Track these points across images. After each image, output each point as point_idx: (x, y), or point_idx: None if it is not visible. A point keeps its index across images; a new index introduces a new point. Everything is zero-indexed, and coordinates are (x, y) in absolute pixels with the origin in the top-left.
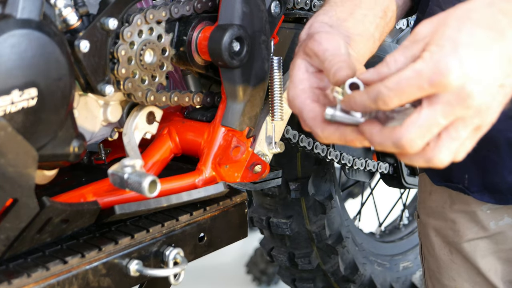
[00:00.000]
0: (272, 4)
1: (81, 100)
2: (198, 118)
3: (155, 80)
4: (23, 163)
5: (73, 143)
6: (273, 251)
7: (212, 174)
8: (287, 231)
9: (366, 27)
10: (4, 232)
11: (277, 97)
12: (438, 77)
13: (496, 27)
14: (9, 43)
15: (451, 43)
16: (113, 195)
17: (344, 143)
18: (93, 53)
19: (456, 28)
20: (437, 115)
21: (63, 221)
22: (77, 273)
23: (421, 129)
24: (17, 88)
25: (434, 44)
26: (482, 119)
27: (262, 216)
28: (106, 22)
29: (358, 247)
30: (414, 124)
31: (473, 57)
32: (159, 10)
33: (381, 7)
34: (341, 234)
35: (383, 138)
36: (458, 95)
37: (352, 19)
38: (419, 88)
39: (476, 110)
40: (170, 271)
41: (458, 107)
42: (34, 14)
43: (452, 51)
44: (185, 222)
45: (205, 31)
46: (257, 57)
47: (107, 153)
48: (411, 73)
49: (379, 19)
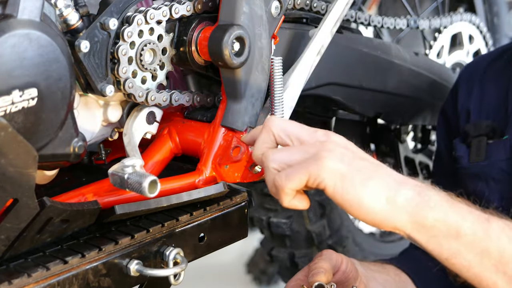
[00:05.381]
0: (272, 4)
1: (81, 100)
2: (198, 118)
3: (155, 81)
4: (24, 163)
5: (73, 143)
6: (273, 251)
7: (212, 174)
8: (287, 231)
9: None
10: (4, 232)
11: (277, 97)
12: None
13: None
14: (10, 43)
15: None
16: (113, 195)
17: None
18: (93, 53)
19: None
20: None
21: (64, 221)
22: (77, 273)
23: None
24: (18, 88)
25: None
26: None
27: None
28: (106, 22)
29: (358, 247)
30: None
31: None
32: (159, 10)
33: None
34: (341, 234)
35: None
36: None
37: (378, 274)
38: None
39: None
40: (170, 271)
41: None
42: (34, 14)
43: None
44: (185, 222)
45: (206, 31)
46: (257, 57)
47: (107, 153)
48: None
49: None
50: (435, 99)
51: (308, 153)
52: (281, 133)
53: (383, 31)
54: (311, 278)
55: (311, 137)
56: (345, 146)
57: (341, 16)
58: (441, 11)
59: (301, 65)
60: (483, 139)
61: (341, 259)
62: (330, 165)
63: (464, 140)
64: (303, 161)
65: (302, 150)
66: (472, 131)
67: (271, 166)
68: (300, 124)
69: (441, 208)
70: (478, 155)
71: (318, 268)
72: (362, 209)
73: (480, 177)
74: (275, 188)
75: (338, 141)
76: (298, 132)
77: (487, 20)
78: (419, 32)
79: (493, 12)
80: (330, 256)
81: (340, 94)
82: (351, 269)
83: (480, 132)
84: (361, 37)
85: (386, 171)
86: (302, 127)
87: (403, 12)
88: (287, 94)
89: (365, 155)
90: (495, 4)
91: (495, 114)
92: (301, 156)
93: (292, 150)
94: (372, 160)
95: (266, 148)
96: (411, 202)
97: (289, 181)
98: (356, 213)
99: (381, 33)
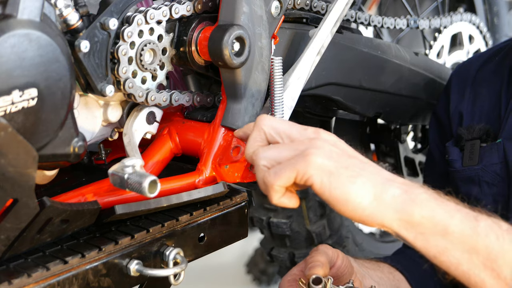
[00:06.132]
0: (272, 4)
1: (81, 100)
2: (198, 118)
3: (155, 81)
4: (24, 164)
5: (73, 143)
6: (273, 251)
7: (212, 174)
8: (287, 231)
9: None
10: (4, 232)
11: (277, 97)
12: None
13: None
14: (10, 44)
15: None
16: (113, 195)
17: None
18: (93, 53)
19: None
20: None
21: (63, 221)
22: (77, 273)
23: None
24: (18, 88)
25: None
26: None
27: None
28: (106, 22)
29: (358, 247)
30: None
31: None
32: (159, 10)
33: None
34: (341, 234)
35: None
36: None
37: (372, 272)
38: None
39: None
40: (170, 271)
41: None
42: (34, 14)
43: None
44: (185, 222)
45: (206, 31)
46: (257, 58)
47: (107, 153)
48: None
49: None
50: (435, 99)
51: (297, 150)
52: (272, 131)
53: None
54: (308, 271)
55: (301, 135)
56: (334, 143)
57: (341, 16)
58: (441, 11)
59: (301, 65)
60: (476, 143)
61: (337, 254)
62: (318, 162)
63: (457, 144)
64: (291, 158)
65: (291, 148)
66: (465, 134)
67: (261, 163)
68: (290, 122)
69: (428, 205)
70: (471, 158)
71: (315, 261)
72: (349, 206)
73: (473, 180)
74: (264, 185)
75: (327, 138)
76: (288, 129)
77: (487, 20)
78: (419, 32)
79: (493, 12)
80: (326, 251)
81: (340, 94)
82: (347, 265)
83: (473, 135)
84: (361, 37)
85: (374, 168)
86: (292, 125)
87: (403, 12)
88: (287, 94)
89: (354, 153)
90: (495, 4)
91: (488, 117)
92: (289, 153)
93: (281, 148)
94: (360, 158)
95: (257, 146)
96: (398, 199)
97: (277, 178)
98: (343, 210)
99: (381, 33)
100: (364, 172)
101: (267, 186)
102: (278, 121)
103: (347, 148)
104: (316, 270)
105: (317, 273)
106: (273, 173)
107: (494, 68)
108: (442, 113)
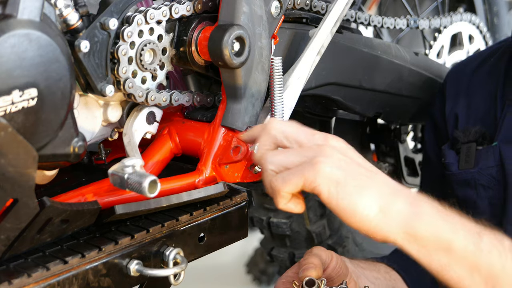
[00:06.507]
0: (272, 4)
1: (81, 100)
2: (198, 118)
3: (155, 81)
4: (23, 163)
5: (73, 143)
6: (273, 251)
7: (212, 174)
8: (287, 231)
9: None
10: (4, 232)
11: (277, 97)
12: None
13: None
14: (10, 44)
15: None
16: (113, 195)
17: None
18: (93, 53)
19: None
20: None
21: (63, 221)
22: (77, 273)
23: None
24: (18, 88)
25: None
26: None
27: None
28: (106, 22)
29: (358, 247)
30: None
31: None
32: (159, 10)
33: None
34: (341, 234)
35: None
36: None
37: (368, 272)
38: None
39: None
40: (170, 271)
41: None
42: (34, 14)
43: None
44: (185, 222)
45: (205, 31)
46: (257, 58)
47: (107, 153)
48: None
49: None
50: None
51: (305, 157)
52: (280, 135)
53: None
54: (302, 273)
55: (309, 140)
56: (342, 151)
57: (341, 16)
58: (441, 11)
59: (301, 65)
60: (472, 146)
61: (331, 256)
62: (326, 171)
63: (453, 146)
64: (299, 164)
65: (300, 154)
66: (461, 137)
67: (269, 168)
68: (299, 126)
69: (433, 220)
70: (467, 162)
71: (308, 263)
72: (356, 217)
73: (469, 183)
74: (271, 190)
75: (335, 145)
76: (297, 134)
77: (487, 20)
78: (419, 32)
79: (493, 12)
80: (320, 253)
81: (340, 94)
82: (341, 266)
83: (469, 138)
84: (361, 37)
85: (382, 179)
86: (301, 129)
87: (403, 12)
88: (287, 94)
89: (363, 161)
90: (495, 4)
91: (484, 119)
92: (298, 159)
93: (289, 153)
94: (369, 167)
95: (266, 150)
96: (403, 213)
97: (285, 184)
98: (349, 221)
99: (381, 33)
100: (371, 183)
101: (274, 191)
102: (286, 125)
103: (355, 156)
104: (310, 272)
105: (310, 275)
106: (281, 179)
107: (489, 69)
108: (438, 115)
